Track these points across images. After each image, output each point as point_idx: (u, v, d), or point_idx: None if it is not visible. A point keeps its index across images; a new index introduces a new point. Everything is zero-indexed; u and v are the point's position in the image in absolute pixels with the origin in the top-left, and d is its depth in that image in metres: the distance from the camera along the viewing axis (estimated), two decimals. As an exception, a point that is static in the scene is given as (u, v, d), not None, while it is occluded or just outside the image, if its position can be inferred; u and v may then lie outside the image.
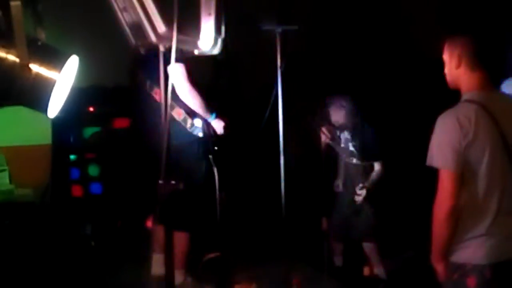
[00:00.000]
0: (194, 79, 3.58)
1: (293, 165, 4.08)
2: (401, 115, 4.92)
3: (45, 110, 1.64)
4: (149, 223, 3.91)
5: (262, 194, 4.59)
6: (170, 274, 2.33)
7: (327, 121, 4.25)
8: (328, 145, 4.13)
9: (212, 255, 3.24)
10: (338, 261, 4.34)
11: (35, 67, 1.59)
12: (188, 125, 3.55)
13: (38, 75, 1.59)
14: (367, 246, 4.27)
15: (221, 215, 3.39)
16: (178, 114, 3.52)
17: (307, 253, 4.18)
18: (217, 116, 3.64)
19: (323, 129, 4.13)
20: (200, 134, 3.56)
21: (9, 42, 1.56)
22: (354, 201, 4.17)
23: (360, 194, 4.16)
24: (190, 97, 3.50)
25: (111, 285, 3.85)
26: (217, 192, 3.41)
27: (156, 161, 2.27)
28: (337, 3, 5.13)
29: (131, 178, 4.52)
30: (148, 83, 3.55)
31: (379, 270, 4.25)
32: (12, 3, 1.54)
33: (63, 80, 1.67)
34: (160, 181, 2.23)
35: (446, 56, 2.32)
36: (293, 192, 3.93)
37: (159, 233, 3.36)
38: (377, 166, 4.19)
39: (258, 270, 3.91)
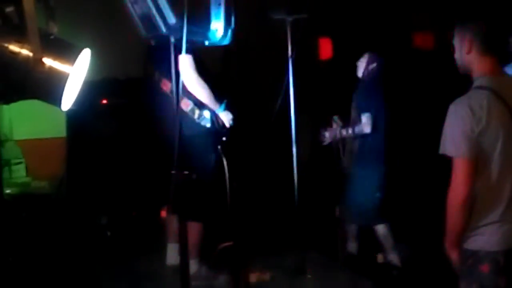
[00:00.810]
0: (204, 70, 3.57)
1: (306, 154, 4.10)
2: (412, 103, 4.89)
3: (58, 103, 1.66)
4: (163, 213, 3.95)
5: (275, 183, 4.61)
6: (185, 264, 2.36)
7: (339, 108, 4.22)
8: (335, 131, 4.10)
9: (226, 244, 3.26)
10: (351, 247, 4.25)
11: (48, 61, 1.60)
12: (196, 115, 3.53)
13: (51, 69, 1.61)
14: (378, 230, 4.16)
15: (233, 204, 3.41)
16: (185, 105, 3.50)
17: (321, 241, 4.19)
18: (225, 108, 3.64)
19: (335, 117, 4.11)
20: (208, 125, 3.55)
21: (22, 37, 1.57)
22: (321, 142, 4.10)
23: (324, 135, 4.08)
24: (198, 88, 3.49)
25: (127, 275, 3.90)
26: (227, 182, 3.42)
27: (167, 152, 2.30)
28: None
29: (145, 168, 4.57)
30: (156, 74, 3.56)
31: (393, 256, 4.14)
32: (25, -2, 1.56)
33: (76, 73, 1.69)
34: (173, 172, 2.26)
35: (456, 41, 2.30)
36: (306, 181, 3.94)
37: (173, 223, 3.39)
38: (363, 119, 4.04)
39: (272, 259, 3.92)
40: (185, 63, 3.40)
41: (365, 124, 4.03)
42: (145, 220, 4.57)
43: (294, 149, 3.87)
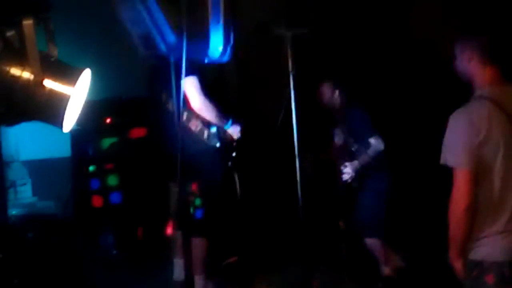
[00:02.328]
0: (209, 88, 3.60)
1: (309, 168, 4.09)
2: (410, 113, 4.89)
3: (60, 125, 1.68)
4: (169, 230, 3.95)
5: (278, 198, 4.60)
6: (190, 280, 2.37)
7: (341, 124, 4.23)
8: (341, 146, 4.12)
9: (231, 260, 3.27)
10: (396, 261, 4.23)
11: (49, 83, 1.62)
12: (205, 136, 3.57)
13: (52, 91, 1.63)
14: (369, 242, 4.16)
15: (240, 219, 3.41)
16: (194, 125, 3.54)
17: (326, 256, 4.17)
18: (232, 123, 3.68)
19: (336, 130, 4.12)
20: (218, 145, 3.58)
21: (23, 60, 1.60)
22: (342, 182, 4.10)
23: (345, 172, 4.08)
24: (205, 111, 3.53)
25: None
26: (239, 197, 3.43)
27: (174, 170, 2.31)
28: (347, 5, 5.13)
29: (150, 186, 4.58)
30: (164, 95, 3.58)
31: (383, 268, 4.15)
32: (25, 22, 1.58)
33: (77, 94, 1.71)
34: (177, 189, 2.27)
35: (458, 51, 2.32)
36: (310, 195, 3.94)
37: (180, 238, 3.39)
38: (372, 141, 4.06)
39: (277, 274, 3.91)
40: (191, 86, 3.43)
41: (377, 144, 4.07)
42: (151, 237, 4.57)
43: (297, 163, 3.87)
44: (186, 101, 3.42)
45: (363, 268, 4.24)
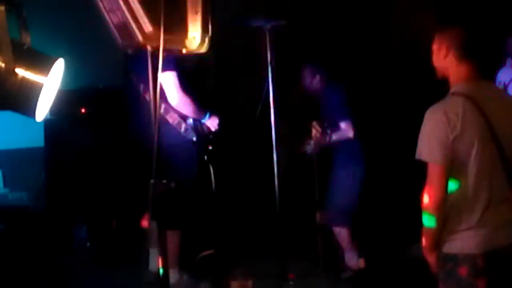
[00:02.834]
0: (187, 82, 3.58)
1: (286, 160, 4.10)
2: (390, 107, 4.94)
3: (32, 114, 1.64)
4: (144, 223, 3.92)
5: (255, 190, 4.61)
6: (165, 272, 2.34)
7: (317, 115, 4.25)
8: (319, 138, 4.14)
9: (207, 252, 3.26)
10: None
11: (21, 72, 1.59)
12: (182, 129, 3.58)
13: (24, 80, 1.59)
14: (336, 231, 4.19)
15: (215, 212, 3.40)
16: (172, 118, 3.54)
17: (302, 248, 4.19)
18: (210, 116, 3.68)
19: (314, 123, 4.14)
20: (194, 138, 3.58)
21: (-6, 47, 1.55)
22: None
23: (309, 143, 4.10)
24: (183, 106, 3.54)
25: (108, 286, 3.86)
26: (214, 190, 3.42)
27: (148, 161, 2.28)
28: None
29: (125, 178, 4.53)
30: (141, 85, 3.55)
31: (348, 259, 4.19)
32: (-4, 8, 1.54)
33: (50, 83, 1.67)
34: (152, 181, 2.24)
35: (435, 46, 2.33)
36: (286, 187, 3.95)
37: (155, 229, 3.36)
38: (342, 125, 4.10)
39: (253, 266, 3.91)
40: (169, 82, 3.41)
41: (347, 130, 4.11)
42: (125, 230, 4.53)
43: (274, 156, 3.88)
44: (163, 94, 3.40)
45: (338, 259, 4.28)
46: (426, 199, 2.23)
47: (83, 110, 4.83)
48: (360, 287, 4.03)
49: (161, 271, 2.24)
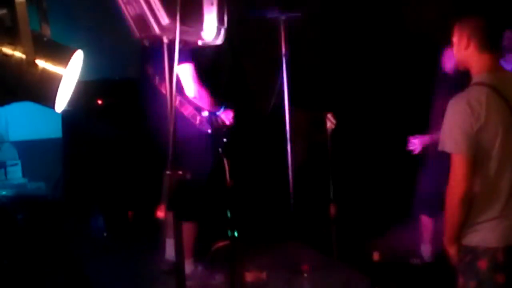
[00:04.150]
0: (203, 74, 3.59)
1: (300, 151, 4.10)
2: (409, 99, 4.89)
3: (52, 105, 1.67)
4: (159, 213, 3.95)
5: (270, 182, 4.62)
6: (181, 263, 2.37)
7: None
8: (333, 130, 4.12)
9: (221, 244, 3.27)
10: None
11: (41, 63, 1.61)
12: (197, 121, 3.59)
13: (44, 71, 1.61)
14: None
15: (229, 203, 3.41)
16: (186, 110, 3.56)
17: (317, 239, 4.20)
18: (225, 108, 3.70)
19: (329, 115, 4.12)
20: (209, 131, 3.59)
21: (15, 39, 1.58)
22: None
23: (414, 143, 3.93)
24: (199, 98, 3.55)
25: (124, 276, 3.91)
26: (228, 182, 3.43)
27: (163, 152, 2.30)
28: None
29: (141, 168, 4.57)
30: (157, 77, 3.57)
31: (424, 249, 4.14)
32: (17, 1, 1.56)
33: (69, 75, 1.70)
34: (168, 172, 2.26)
35: (455, 38, 2.31)
36: (301, 178, 3.95)
37: (171, 219, 3.39)
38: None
39: (268, 257, 3.93)
40: (186, 74, 3.43)
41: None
42: (141, 220, 4.58)
43: (288, 147, 3.88)
44: (179, 86, 3.41)
45: (353, 251, 4.27)
46: (450, 190, 2.22)
47: (99, 102, 4.87)
48: (376, 280, 4.01)
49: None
